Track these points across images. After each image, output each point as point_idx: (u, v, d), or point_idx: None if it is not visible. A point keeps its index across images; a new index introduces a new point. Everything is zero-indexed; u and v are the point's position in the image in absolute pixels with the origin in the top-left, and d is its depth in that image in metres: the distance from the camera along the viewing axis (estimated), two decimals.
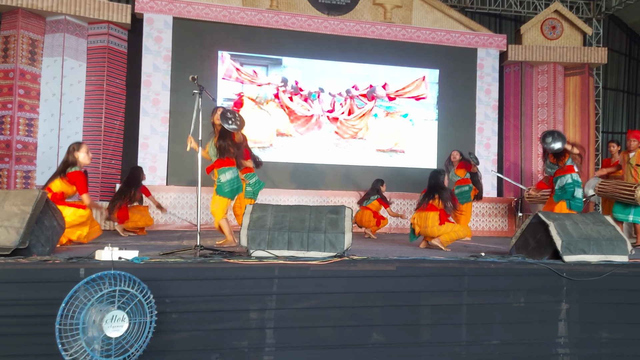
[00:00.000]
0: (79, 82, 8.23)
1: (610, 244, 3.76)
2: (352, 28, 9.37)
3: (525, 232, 4.04)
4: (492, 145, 9.90)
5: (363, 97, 9.54)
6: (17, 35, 7.81)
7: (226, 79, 8.92)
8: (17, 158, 7.69)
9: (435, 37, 9.72)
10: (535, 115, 10.20)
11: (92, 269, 2.80)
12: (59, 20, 8.06)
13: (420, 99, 9.77)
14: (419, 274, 3.34)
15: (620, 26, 12.24)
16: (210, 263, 3.12)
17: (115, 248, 3.04)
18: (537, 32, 10.25)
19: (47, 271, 2.85)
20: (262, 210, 3.67)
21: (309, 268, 3.18)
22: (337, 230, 3.49)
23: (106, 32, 8.34)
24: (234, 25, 8.89)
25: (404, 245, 5.71)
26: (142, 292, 2.67)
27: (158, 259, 3.16)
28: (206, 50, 8.85)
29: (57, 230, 3.53)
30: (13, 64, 7.80)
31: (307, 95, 9.29)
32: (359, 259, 3.41)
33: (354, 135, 9.50)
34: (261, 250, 3.41)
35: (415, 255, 3.97)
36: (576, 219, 3.89)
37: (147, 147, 8.41)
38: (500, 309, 3.44)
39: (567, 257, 3.65)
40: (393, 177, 8.91)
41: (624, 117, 12.28)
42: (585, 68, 10.20)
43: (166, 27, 8.60)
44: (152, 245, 4.89)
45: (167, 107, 8.56)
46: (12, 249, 3.11)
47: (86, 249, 4.04)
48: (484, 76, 9.98)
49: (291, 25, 9.11)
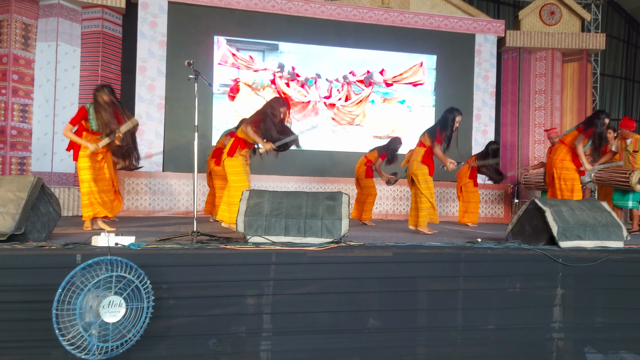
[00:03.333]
0: (73, 67, 8.14)
1: (606, 230, 3.79)
2: (350, 13, 9.29)
3: (521, 218, 4.06)
4: (489, 131, 9.88)
5: (360, 83, 9.49)
6: (10, 20, 7.69)
7: (222, 64, 8.85)
8: (12, 144, 7.64)
9: (433, 22, 9.65)
10: (532, 101, 10.17)
11: (88, 255, 2.80)
12: (52, 5, 7.94)
13: (418, 85, 9.72)
14: (415, 260, 3.36)
15: (619, 12, 12.17)
16: (207, 249, 3.12)
17: (111, 234, 3.04)
18: (536, 18, 10.18)
19: (44, 257, 2.85)
20: (258, 196, 3.66)
21: (306, 254, 3.19)
22: (334, 216, 3.50)
23: (100, 16, 8.22)
24: (229, 9, 8.79)
25: (400, 231, 5.72)
26: (139, 277, 2.67)
27: (155, 245, 3.16)
28: (202, 36, 8.76)
29: (53, 216, 3.52)
30: (6, 49, 7.70)
31: (303, 81, 9.24)
32: (355, 245, 3.42)
33: (351, 122, 9.46)
34: (258, 236, 3.41)
35: (412, 242, 3.98)
36: (572, 205, 3.91)
37: (143, 133, 8.35)
38: (496, 295, 3.47)
39: (563, 243, 3.67)
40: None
41: (620, 104, 12.28)
42: (584, 54, 10.16)
43: (161, 12, 8.49)
44: (148, 232, 4.88)
45: (162, 94, 8.49)
46: (8, 234, 3.10)
47: (83, 235, 4.03)
48: (481, 62, 9.93)
49: (288, 10, 9.02)
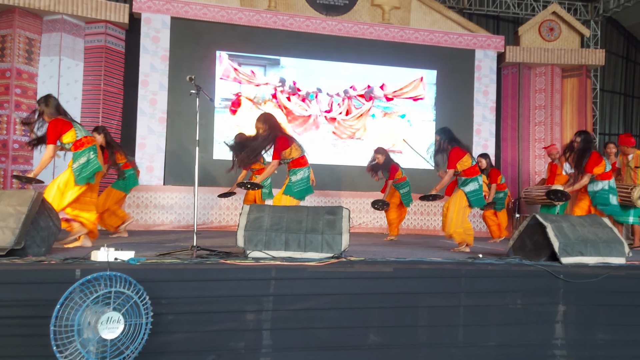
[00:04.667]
0: (75, 81, 8.20)
1: (607, 246, 3.77)
2: (350, 29, 9.36)
3: (522, 233, 4.04)
4: (489, 146, 9.90)
5: (361, 97, 9.53)
6: (13, 35, 7.77)
7: (224, 79, 8.90)
8: (13, 158, 7.66)
9: (433, 38, 9.72)
10: (532, 116, 10.20)
11: (88, 270, 2.79)
12: (56, 20, 8.03)
13: (418, 99, 9.76)
14: (416, 276, 3.34)
15: (618, 28, 12.26)
16: (206, 264, 3.11)
17: (111, 249, 3.03)
18: (535, 34, 10.25)
19: (43, 272, 2.84)
20: (259, 211, 3.66)
21: (306, 269, 3.17)
22: (335, 231, 3.49)
23: (104, 31, 8.31)
24: (232, 25, 8.87)
25: (401, 246, 5.71)
26: (137, 293, 2.66)
27: (154, 260, 3.15)
28: (204, 50, 8.83)
29: (53, 230, 3.52)
30: (10, 63, 7.76)
31: (304, 95, 9.28)
32: (356, 260, 3.41)
33: (351, 136, 9.49)
34: (258, 251, 3.40)
35: (413, 257, 3.97)
36: (573, 220, 3.90)
37: (145, 147, 8.38)
38: (497, 311, 3.44)
39: (564, 258, 3.65)
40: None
41: (620, 119, 12.32)
42: (583, 70, 10.21)
43: (164, 27, 8.57)
44: (148, 246, 4.88)
45: (164, 107, 8.53)
46: (8, 249, 3.09)
47: (82, 250, 4.02)
48: (481, 77, 9.98)
49: (289, 26, 9.10)
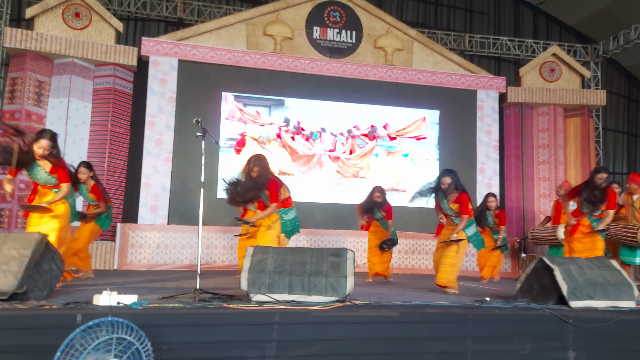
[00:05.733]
0: (83, 122, 8.31)
1: (616, 289, 3.71)
2: (354, 70, 9.53)
3: (530, 276, 3.99)
4: (493, 185, 9.89)
5: (364, 136, 9.61)
6: (24, 77, 7.94)
7: (229, 119, 9.02)
8: (19, 198, 7.69)
9: (436, 79, 9.87)
10: (536, 155, 10.23)
11: (89, 315, 2.76)
12: (66, 63, 8.21)
13: (421, 139, 9.84)
14: (422, 320, 3.29)
15: (618, 69, 12.45)
16: (209, 308, 3.08)
17: (114, 292, 3.00)
18: (536, 75, 10.40)
19: (44, 317, 2.81)
20: (263, 252, 3.64)
21: (310, 313, 3.13)
22: (339, 274, 3.46)
23: (112, 74, 8.47)
24: (238, 67, 9.04)
25: (407, 288, 5.63)
26: (139, 339, 2.62)
27: (157, 304, 3.11)
28: (210, 92, 8.98)
29: (55, 273, 3.50)
30: (19, 105, 7.91)
31: (309, 134, 9.37)
32: (361, 304, 3.36)
33: (355, 175, 9.52)
34: (261, 294, 3.36)
35: (419, 300, 3.91)
36: (581, 263, 3.85)
37: (150, 186, 8.42)
38: (506, 357, 3.36)
39: (573, 302, 3.59)
40: (394, 216, 8.85)
41: (624, 158, 12.35)
42: (585, 110, 10.29)
43: (171, 70, 8.75)
44: (152, 287, 4.84)
45: (170, 147, 8.61)
46: (10, 293, 3.07)
47: (85, 292, 3.99)
48: (484, 117, 10.07)
49: (294, 68, 9.27)
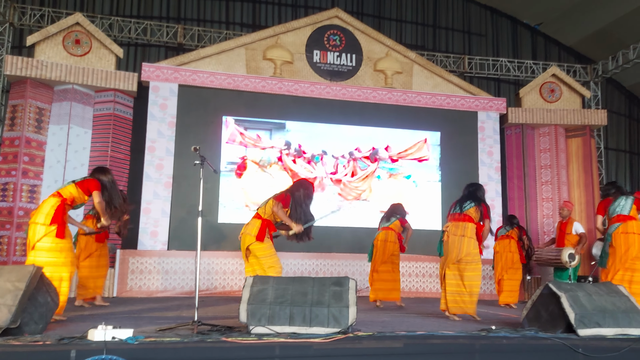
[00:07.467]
0: (83, 148, 8.29)
1: (626, 316, 3.61)
2: (354, 93, 9.55)
3: (536, 303, 3.89)
4: (496, 206, 9.81)
5: (366, 159, 9.58)
6: (25, 105, 7.94)
7: (230, 143, 9.00)
8: (18, 225, 7.63)
9: (436, 101, 9.87)
10: (538, 176, 10.17)
11: (83, 351, 2.68)
12: (66, 90, 8.23)
13: (423, 160, 9.80)
14: (427, 352, 3.18)
15: (618, 88, 12.47)
16: (207, 342, 2.98)
17: (109, 327, 2.91)
18: (537, 95, 10.40)
19: (38, 353, 2.73)
20: (262, 282, 3.56)
21: (312, 346, 3.03)
22: (341, 304, 3.37)
23: (112, 99, 8.49)
24: (238, 91, 9.06)
25: (412, 315, 5.51)
26: None
27: (153, 338, 3.02)
28: (210, 116, 8.97)
29: (50, 306, 3.42)
30: (19, 132, 7.89)
31: (310, 157, 9.34)
32: (364, 335, 3.27)
33: (357, 197, 9.45)
34: (261, 326, 3.27)
35: (424, 329, 3.81)
36: (589, 289, 3.75)
37: (150, 211, 8.36)
38: None
39: (581, 330, 3.48)
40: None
41: (627, 177, 12.28)
42: (586, 129, 10.26)
43: (172, 95, 8.76)
44: (150, 317, 4.74)
45: (170, 172, 8.57)
46: (3, 328, 2.99)
47: (80, 325, 3.90)
48: (485, 138, 10.04)
49: (294, 91, 9.29)
